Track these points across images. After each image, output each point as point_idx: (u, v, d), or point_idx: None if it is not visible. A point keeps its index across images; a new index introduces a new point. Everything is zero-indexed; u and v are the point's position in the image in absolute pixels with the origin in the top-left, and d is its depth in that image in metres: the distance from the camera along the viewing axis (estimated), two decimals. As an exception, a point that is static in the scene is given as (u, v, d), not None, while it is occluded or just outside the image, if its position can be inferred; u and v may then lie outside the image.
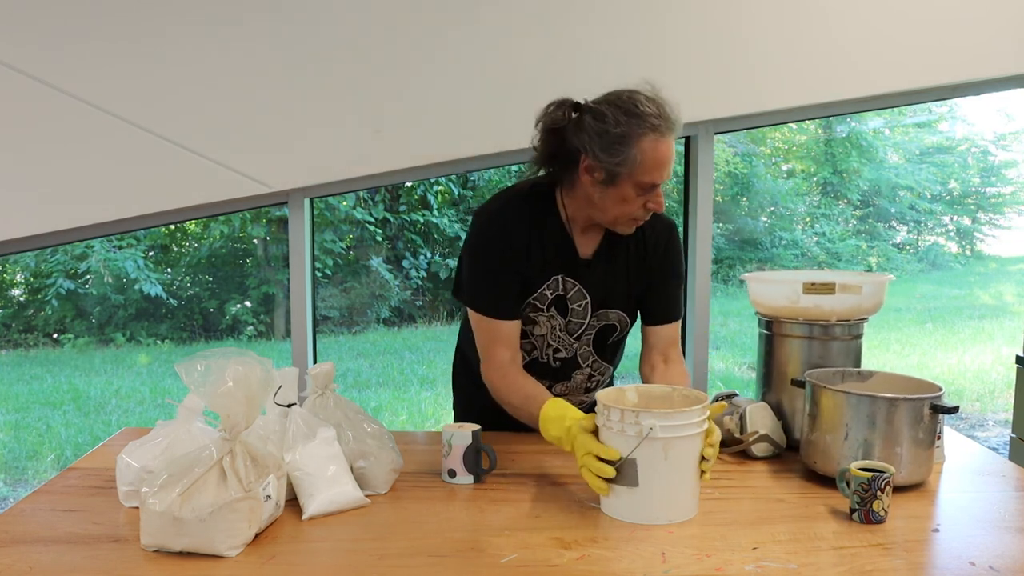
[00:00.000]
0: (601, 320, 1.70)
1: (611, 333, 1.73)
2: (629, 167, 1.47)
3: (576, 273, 1.65)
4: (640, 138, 1.46)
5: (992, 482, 1.52)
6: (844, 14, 2.15)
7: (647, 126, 1.46)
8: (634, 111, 1.46)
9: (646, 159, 1.47)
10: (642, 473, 1.31)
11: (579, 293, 1.66)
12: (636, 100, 1.48)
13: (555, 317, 1.67)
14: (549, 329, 1.69)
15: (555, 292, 1.65)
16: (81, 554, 1.21)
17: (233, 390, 1.21)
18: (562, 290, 1.65)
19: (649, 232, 1.67)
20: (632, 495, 1.33)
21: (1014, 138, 14.70)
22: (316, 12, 2.09)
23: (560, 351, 1.72)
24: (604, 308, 1.69)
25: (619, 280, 1.68)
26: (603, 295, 1.67)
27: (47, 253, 8.71)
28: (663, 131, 1.47)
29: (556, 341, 1.71)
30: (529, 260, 1.62)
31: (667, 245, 1.70)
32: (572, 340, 1.72)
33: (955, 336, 8.97)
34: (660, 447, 1.30)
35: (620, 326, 1.73)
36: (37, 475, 5.08)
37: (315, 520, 1.34)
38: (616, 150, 1.47)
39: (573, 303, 1.66)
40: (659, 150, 1.47)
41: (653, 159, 1.47)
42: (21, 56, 2.03)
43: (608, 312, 1.69)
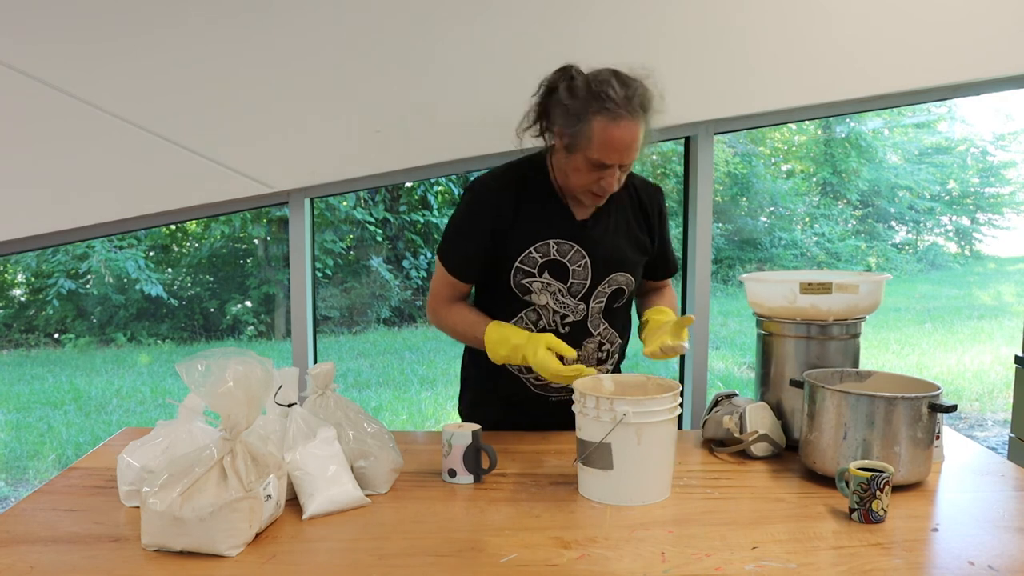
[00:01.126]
0: (611, 285, 1.73)
1: (619, 297, 1.76)
2: (582, 142, 1.55)
3: (573, 235, 1.69)
4: (592, 117, 1.53)
5: (991, 482, 1.52)
6: (844, 14, 2.15)
7: (601, 108, 1.52)
8: (597, 91, 1.53)
9: (595, 138, 1.53)
10: (616, 457, 1.39)
11: (578, 254, 1.69)
12: (606, 81, 1.54)
13: (551, 283, 1.70)
14: (549, 296, 1.71)
15: (546, 256, 1.68)
16: (82, 554, 1.22)
17: (233, 390, 1.22)
18: (556, 254, 1.68)
19: (642, 195, 1.78)
20: (607, 478, 1.41)
21: (1013, 138, 14.71)
22: (317, 12, 2.09)
23: (568, 316, 1.72)
24: (610, 270, 1.72)
25: (623, 242, 1.73)
26: (605, 256, 1.71)
27: (48, 253, 8.72)
28: (617, 116, 1.51)
29: (561, 307, 1.72)
30: (514, 226, 1.68)
31: (659, 205, 1.82)
32: (578, 303, 1.72)
33: (954, 336, 8.97)
34: (633, 432, 1.38)
35: (627, 290, 1.77)
36: (38, 475, 5.08)
37: (315, 520, 1.34)
38: (571, 123, 1.55)
39: (573, 264, 1.69)
40: (608, 132, 1.52)
41: (602, 140, 1.53)
42: (21, 56, 2.03)
43: (618, 276, 1.73)
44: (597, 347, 1.77)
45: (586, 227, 1.70)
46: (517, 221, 1.68)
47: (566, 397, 1.73)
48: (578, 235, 1.69)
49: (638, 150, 1.58)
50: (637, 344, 1.78)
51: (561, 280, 1.70)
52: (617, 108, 1.51)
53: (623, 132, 1.53)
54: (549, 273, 1.69)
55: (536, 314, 1.72)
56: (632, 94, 1.53)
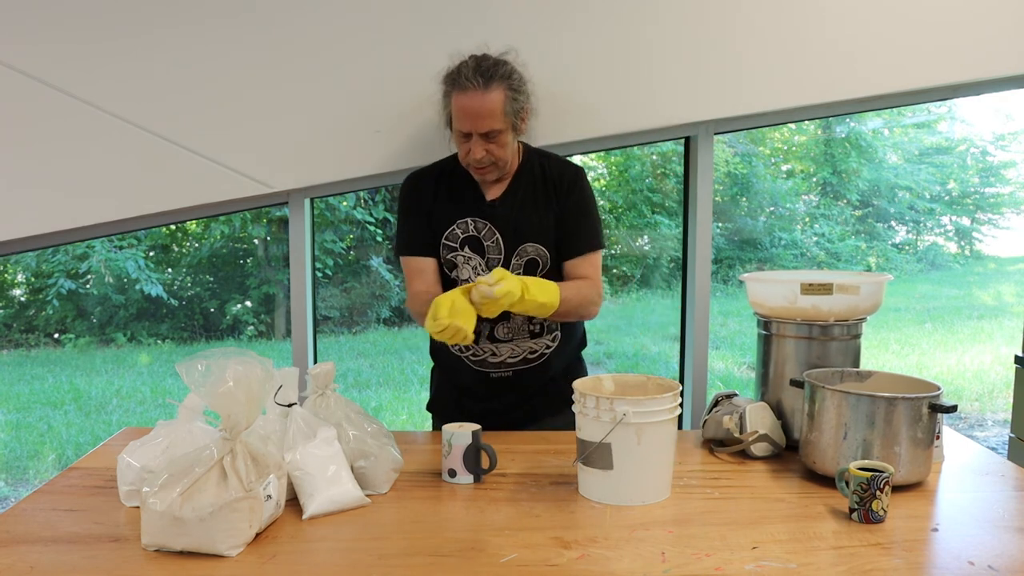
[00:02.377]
0: (522, 256, 1.85)
1: (535, 268, 1.86)
2: (450, 118, 1.80)
3: (484, 214, 1.86)
4: (450, 92, 1.77)
5: (991, 482, 1.52)
6: (844, 14, 2.15)
7: (452, 82, 1.75)
8: (453, 71, 1.76)
9: (454, 111, 1.76)
10: (616, 457, 1.39)
11: (490, 231, 1.85)
12: (463, 63, 1.76)
13: (472, 257, 1.87)
14: (471, 269, 1.87)
15: (466, 232, 1.86)
16: (82, 554, 1.22)
17: (233, 390, 1.22)
18: (473, 230, 1.86)
19: (552, 173, 1.88)
20: (607, 477, 1.41)
21: (1013, 138, 14.69)
22: (317, 12, 2.09)
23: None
24: (518, 242, 1.85)
25: (528, 216, 1.85)
26: (513, 231, 1.85)
27: (48, 253, 8.71)
28: (463, 86, 1.72)
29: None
30: (437, 207, 1.88)
31: (570, 182, 1.88)
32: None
33: (954, 336, 8.97)
34: (633, 432, 1.38)
35: (541, 261, 1.86)
36: (38, 475, 5.08)
37: (315, 520, 1.34)
38: (445, 105, 1.80)
39: (486, 240, 1.86)
40: (460, 102, 1.74)
41: (457, 109, 1.75)
42: (21, 56, 2.03)
43: (526, 247, 1.85)
44: (526, 319, 1.86)
45: (494, 206, 1.86)
46: (439, 203, 1.88)
47: (505, 374, 1.90)
48: (487, 213, 1.86)
49: (495, 118, 1.73)
50: (637, 344, 1.78)
51: (480, 254, 1.86)
52: (465, 81, 1.72)
53: (470, 100, 1.72)
54: (469, 247, 1.87)
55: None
56: (478, 66, 1.74)
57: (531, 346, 1.89)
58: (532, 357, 1.90)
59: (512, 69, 1.77)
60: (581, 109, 2.19)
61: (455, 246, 1.87)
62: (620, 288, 10.97)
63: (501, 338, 1.88)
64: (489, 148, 1.76)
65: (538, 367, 1.91)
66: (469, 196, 1.88)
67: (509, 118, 1.75)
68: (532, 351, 1.90)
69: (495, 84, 1.72)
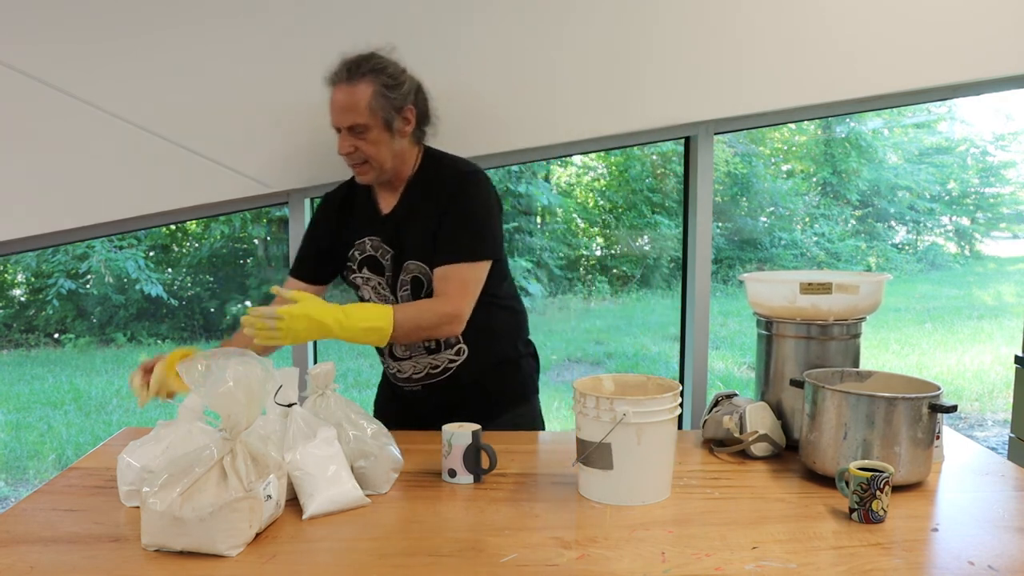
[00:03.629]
0: (409, 273, 1.78)
1: (420, 287, 1.77)
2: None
3: (377, 229, 1.81)
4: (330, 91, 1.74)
5: (991, 482, 1.52)
6: (844, 14, 2.15)
7: (329, 83, 1.74)
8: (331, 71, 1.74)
9: (329, 107, 1.74)
10: (616, 457, 1.39)
11: (384, 248, 1.80)
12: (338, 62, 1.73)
13: (371, 278, 1.82)
14: (371, 290, 1.83)
15: (363, 253, 1.82)
16: (82, 554, 1.22)
17: (233, 390, 1.22)
18: (371, 249, 1.81)
19: (440, 181, 1.78)
20: (607, 477, 1.41)
21: (1013, 139, 14.70)
22: (316, 12, 2.09)
23: None
24: (404, 258, 1.78)
25: (415, 232, 1.76)
26: (402, 247, 1.78)
27: (48, 253, 8.71)
28: (334, 81, 1.72)
29: (381, 300, 1.83)
30: (340, 230, 1.85)
31: (456, 187, 1.76)
32: (392, 295, 1.80)
33: (954, 336, 8.97)
34: (633, 432, 1.38)
35: (425, 280, 1.76)
36: (38, 475, 5.08)
37: (315, 520, 1.34)
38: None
39: (382, 258, 1.80)
40: (332, 98, 1.73)
41: (330, 106, 1.74)
42: (21, 56, 2.03)
43: (409, 264, 1.77)
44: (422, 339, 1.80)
45: (386, 220, 1.81)
46: (343, 225, 1.86)
47: (415, 388, 1.87)
48: (380, 228, 1.81)
49: (359, 112, 1.70)
50: (637, 344, 1.78)
51: (379, 274, 1.82)
52: (334, 75, 1.72)
53: (338, 95, 1.71)
54: (368, 268, 1.82)
55: None
56: (348, 62, 1.72)
57: (431, 362, 1.83)
58: (436, 372, 1.84)
59: (384, 64, 1.72)
60: (582, 109, 2.19)
61: (354, 268, 1.84)
62: (620, 288, 10.97)
63: (400, 356, 1.84)
64: (357, 144, 1.71)
65: (446, 381, 1.84)
66: (368, 211, 1.84)
67: (377, 114, 1.69)
68: (434, 367, 1.83)
69: (360, 78, 1.69)
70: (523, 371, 1.94)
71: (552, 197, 10.55)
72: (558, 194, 10.85)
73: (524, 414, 1.94)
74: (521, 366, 1.94)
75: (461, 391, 1.84)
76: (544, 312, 9.69)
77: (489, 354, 1.86)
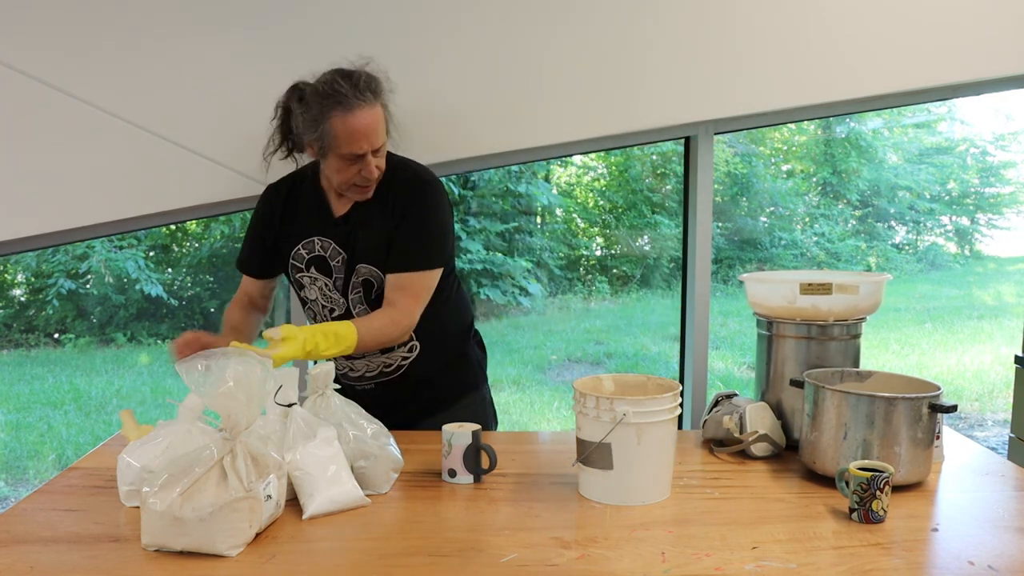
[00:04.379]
0: (360, 276, 1.78)
1: (371, 288, 1.79)
2: (328, 143, 1.63)
3: (328, 232, 1.78)
4: (329, 116, 1.60)
5: (991, 482, 1.53)
6: (844, 14, 2.15)
7: (332, 103, 1.60)
8: (325, 91, 1.61)
9: (338, 134, 1.61)
10: (616, 457, 1.39)
11: (335, 250, 1.78)
12: (329, 80, 1.62)
13: (319, 278, 1.80)
14: (318, 290, 1.82)
15: (311, 252, 1.79)
16: (82, 554, 1.22)
17: (233, 390, 1.22)
18: (320, 250, 1.78)
19: (396, 187, 1.76)
20: (607, 477, 1.41)
21: (1013, 139, 14.69)
22: (316, 12, 2.09)
23: (334, 309, 1.83)
24: (356, 261, 1.77)
25: (370, 235, 1.76)
26: (354, 250, 1.77)
27: (48, 253, 8.71)
28: (350, 106, 1.59)
29: (328, 301, 1.82)
30: (285, 225, 1.81)
31: (411, 195, 1.75)
32: (340, 297, 1.80)
33: (954, 336, 8.96)
34: (633, 432, 1.38)
35: (376, 282, 1.78)
36: (38, 475, 5.08)
37: (315, 520, 1.34)
38: (313, 128, 1.63)
39: (332, 260, 1.78)
40: (347, 124, 1.60)
41: (344, 133, 1.61)
42: (21, 56, 2.03)
43: (360, 267, 1.77)
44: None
45: (340, 223, 1.78)
46: (287, 221, 1.81)
47: (368, 387, 1.88)
48: (332, 231, 1.78)
49: (383, 132, 1.66)
50: (637, 344, 1.78)
51: (326, 275, 1.80)
52: (348, 99, 1.59)
53: (360, 119, 1.60)
54: (316, 268, 1.80)
55: (311, 311, 1.85)
56: (357, 82, 1.62)
57: (384, 360, 1.84)
58: (389, 371, 1.85)
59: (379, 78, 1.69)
60: (581, 109, 2.19)
61: (301, 267, 1.81)
62: (620, 288, 10.97)
63: (354, 354, 1.78)
64: (378, 163, 1.69)
65: (398, 379, 1.85)
66: (317, 212, 1.80)
67: (387, 130, 1.70)
68: (387, 364, 1.84)
69: (376, 97, 1.65)
70: (471, 361, 1.98)
71: (552, 197, 10.55)
72: (558, 194, 10.85)
73: (475, 402, 1.98)
74: (469, 357, 1.98)
75: (413, 386, 1.87)
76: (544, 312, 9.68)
77: (440, 349, 1.89)
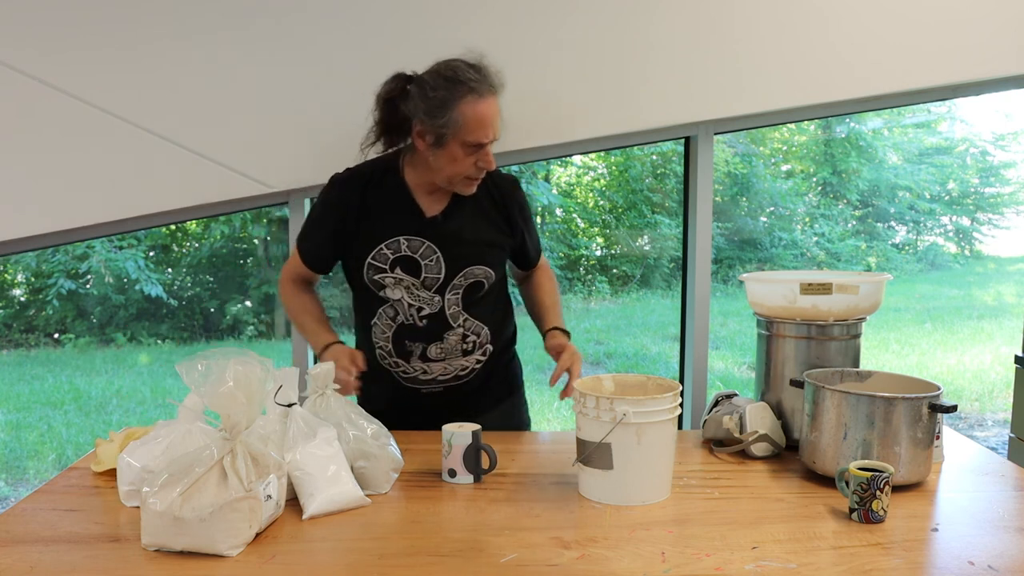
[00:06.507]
0: (468, 278, 1.77)
1: (478, 289, 1.79)
2: (453, 129, 1.60)
3: (422, 232, 1.74)
4: (460, 101, 1.58)
5: (991, 482, 1.52)
6: (844, 14, 2.16)
7: (465, 88, 1.58)
8: (453, 76, 1.59)
9: (467, 120, 1.59)
10: (616, 457, 1.39)
11: (429, 249, 1.74)
12: (455, 66, 1.61)
13: (404, 278, 1.75)
14: (403, 290, 1.76)
15: (396, 252, 1.74)
16: (82, 554, 1.22)
17: (233, 390, 1.22)
18: (407, 250, 1.73)
19: (494, 189, 1.79)
20: (607, 477, 1.41)
21: (1013, 138, 14.69)
22: (316, 12, 2.09)
23: (424, 308, 1.77)
24: (464, 263, 1.76)
25: (475, 234, 1.77)
26: (458, 250, 1.75)
27: (48, 253, 8.71)
28: (481, 92, 1.59)
29: (416, 300, 1.77)
30: (363, 223, 1.74)
31: (516, 196, 1.83)
32: (433, 295, 1.76)
33: (954, 336, 8.96)
34: (633, 432, 1.38)
35: (486, 281, 1.79)
36: (38, 475, 5.08)
37: (315, 520, 1.34)
38: (439, 113, 1.59)
39: (424, 260, 1.74)
40: (478, 110, 1.59)
41: (474, 119, 1.59)
42: (21, 56, 2.03)
43: (473, 269, 1.76)
44: (460, 339, 1.81)
45: (436, 223, 1.75)
46: (365, 220, 1.74)
47: (436, 390, 1.84)
48: (428, 231, 1.74)
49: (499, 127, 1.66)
50: (637, 344, 1.78)
51: (414, 275, 1.75)
52: (479, 85, 1.59)
53: (489, 107, 1.61)
54: (401, 268, 1.75)
55: (393, 309, 1.79)
56: (483, 71, 1.62)
57: (462, 363, 1.83)
58: (463, 374, 1.84)
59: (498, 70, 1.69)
60: (581, 109, 2.19)
61: (384, 267, 1.74)
62: (620, 288, 10.97)
63: (433, 357, 1.80)
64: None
65: (467, 382, 1.86)
66: (403, 210, 1.75)
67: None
68: (463, 368, 1.83)
69: (499, 90, 1.65)
70: (517, 361, 2.02)
71: (552, 197, 10.55)
72: (558, 194, 10.85)
73: (520, 401, 2.02)
74: (515, 359, 2.02)
75: (476, 388, 1.88)
76: (544, 312, 9.66)
77: (503, 351, 1.93)
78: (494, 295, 1.86)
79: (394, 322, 1.79)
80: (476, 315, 1.82)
